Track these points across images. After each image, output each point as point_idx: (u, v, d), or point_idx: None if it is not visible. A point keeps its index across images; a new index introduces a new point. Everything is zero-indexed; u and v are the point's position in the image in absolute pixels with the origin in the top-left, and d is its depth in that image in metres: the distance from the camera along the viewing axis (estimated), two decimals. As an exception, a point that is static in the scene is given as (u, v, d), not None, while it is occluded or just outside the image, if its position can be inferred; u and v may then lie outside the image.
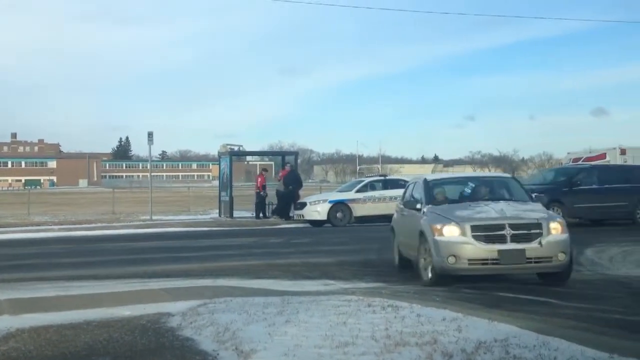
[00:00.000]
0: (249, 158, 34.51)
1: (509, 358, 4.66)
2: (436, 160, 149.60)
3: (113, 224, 21.64)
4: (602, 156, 23.81)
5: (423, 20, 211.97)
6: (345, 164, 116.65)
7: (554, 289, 8.13)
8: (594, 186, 19.13)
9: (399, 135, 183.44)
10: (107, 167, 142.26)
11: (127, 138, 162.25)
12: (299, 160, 27.72)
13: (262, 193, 23.58)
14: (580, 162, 24.29)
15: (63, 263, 11.95)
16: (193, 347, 5.22)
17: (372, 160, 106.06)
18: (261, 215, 23.40)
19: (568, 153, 26.34)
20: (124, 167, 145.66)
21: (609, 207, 18.85)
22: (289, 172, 23.60)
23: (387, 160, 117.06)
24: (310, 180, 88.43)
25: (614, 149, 23.89)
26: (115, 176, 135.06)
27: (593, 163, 23.54)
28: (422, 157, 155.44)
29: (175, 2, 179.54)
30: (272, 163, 32.14)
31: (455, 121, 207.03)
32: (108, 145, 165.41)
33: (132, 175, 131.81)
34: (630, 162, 23.58)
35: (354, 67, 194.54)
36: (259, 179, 23.94)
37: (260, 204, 23.54)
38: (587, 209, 18.77)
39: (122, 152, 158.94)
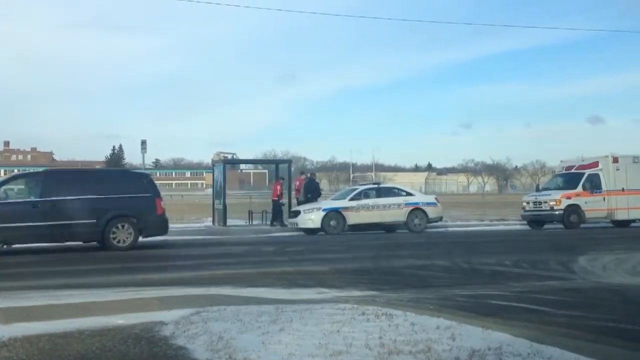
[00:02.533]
0: (242, 166, 34.53)
1: (502, 366, 4.66)
2: (430, 168, 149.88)
3: (106, 233, 21.50)
4: (595, 164, 23.95)
5: (417, 29, 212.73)
6: (338, 172, 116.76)
7: (547, 297, 8.14)
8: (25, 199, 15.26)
9: (393, 143, 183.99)
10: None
11: (120, 146, 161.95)
12: (292, 168, 27.77)
13: (281, 201, 23.69)
14: (572, 171, 24.44)
15: (55, 271, 11.87)
16: (186, 356, 5.20)
17: (366, 168, 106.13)
18: (275, 223, 23.47)
19: (561, 161, 26.47)
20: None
21: (57, 226, 14.86)
22: (309, 181, 24.02)
23: (380, 168, 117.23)
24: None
25: (606, 157, 24.03)
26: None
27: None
28: (416, 165, 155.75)
29: (168, 11, 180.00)
30: (266, 171, 32.18)
31: (449, 130, 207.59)
32: (101, 154, 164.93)
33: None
34: (622, 171, 23.72)
35: (348, 75, 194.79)
36: (278, 187, 24.05)
37: (280, 212, 23.61)
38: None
39: (116, 160, 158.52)
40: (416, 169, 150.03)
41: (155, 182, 17.79)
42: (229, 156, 25.89)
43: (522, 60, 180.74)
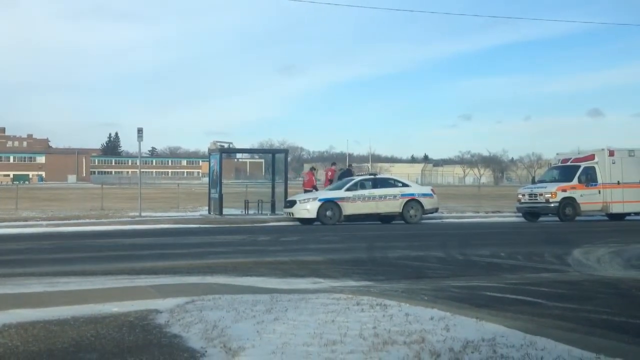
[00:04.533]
0: (238, 155, 34.51)
1: (496, 357, 4.67)
2: (426, 159, 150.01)
3: (101, 220, 21.53)
4: (591, 157, 23.97)
5: (416, 20, 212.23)
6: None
7: (541, 289, 8.17)
8: None
9: (390, 134, 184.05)
10: (96, 163, 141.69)
11: (116, 134, 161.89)
12: (289, 158, 27.77)
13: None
14: (568, 163, 24.47)
15: (51, 259, 11.88)
16: (181, 344, 5.21)
17: (363, 159, 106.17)
18: None
19: (557, 154, 26.48)
20: (113, 163, 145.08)
21: None
22: (346, 171, 24.42)
23: (377, 159, 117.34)
24: (299, 178, 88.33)
25: (603, 150, 24.05)
26: (105, 172, 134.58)
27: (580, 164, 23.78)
28: (412, 157, 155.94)
29: (167, 0, 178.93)
30: (263, 161, 32.18)
31: (446, 121, 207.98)
32: (97, 141, 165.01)
33: (121, 172, 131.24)
34: (618, 164, 23.76)
35: (346, 66, 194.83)
36: (312, 177, 24.29)
37: None
38: None
39: (112, 148, 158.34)
40: (413, 160, 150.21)
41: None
42: (226, 145, 25.88)
43: (522, 53, 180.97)
